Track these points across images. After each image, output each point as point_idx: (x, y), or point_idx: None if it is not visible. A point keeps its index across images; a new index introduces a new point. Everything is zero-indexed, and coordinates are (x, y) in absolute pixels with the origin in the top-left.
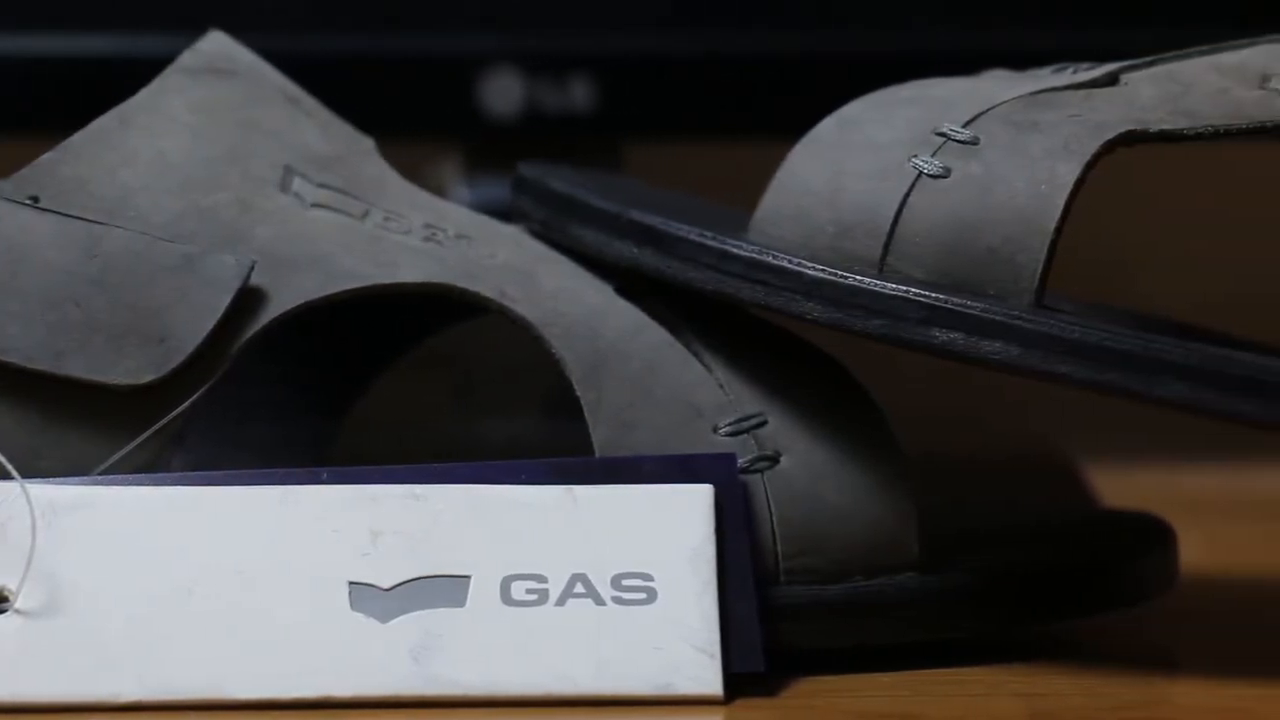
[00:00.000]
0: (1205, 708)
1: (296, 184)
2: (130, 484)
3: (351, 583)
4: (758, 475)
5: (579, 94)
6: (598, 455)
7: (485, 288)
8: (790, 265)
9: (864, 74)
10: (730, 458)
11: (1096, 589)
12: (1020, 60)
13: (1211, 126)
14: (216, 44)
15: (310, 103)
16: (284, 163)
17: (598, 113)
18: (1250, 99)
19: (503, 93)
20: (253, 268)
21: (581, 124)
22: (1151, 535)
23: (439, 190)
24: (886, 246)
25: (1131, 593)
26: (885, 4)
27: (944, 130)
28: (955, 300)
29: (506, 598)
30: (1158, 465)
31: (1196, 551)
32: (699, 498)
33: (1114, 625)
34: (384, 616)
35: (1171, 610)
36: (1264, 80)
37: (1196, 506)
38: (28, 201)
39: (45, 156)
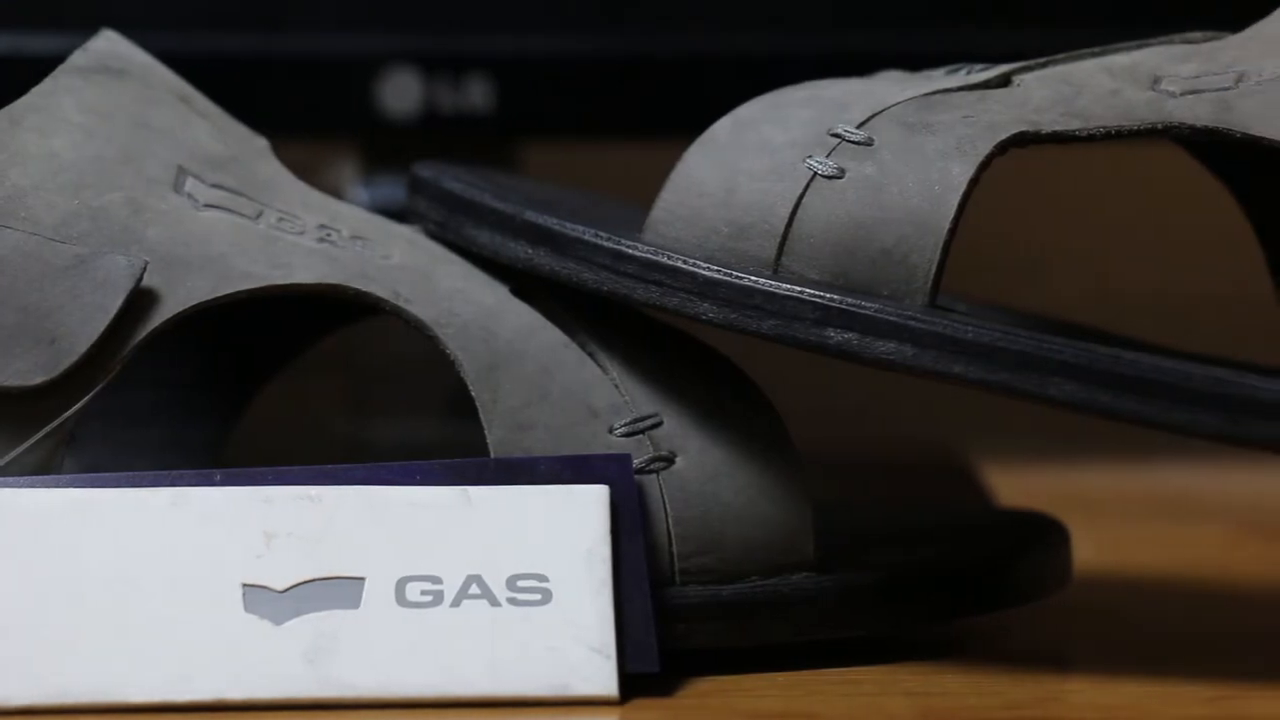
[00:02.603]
0: (1097, 705)
1: (189, 184)
2: (21, 486)
3: (245, 585)
4: (653, 476)
5: (476, 94)
6: (493, 456)
7: (379, 288)
8: (685, 266)
9: (760, 74)
10: (625, 458)
11: (990, 588)
12: (914, 61)
13: (1103, 128)
14: (108, 43)
15: (204, 103)
16: (177, 163)
17: (495, 113)
18: (1141, 101)
19: (400, 93)
20: (145, 269)
21: (479, 124)
22: (1045, 534)
23: (336, 190)
24: (781, 247)
25: (1025, 591)
26: (782, 5)
27: (838, 131)
28: (849, 301)
29: (401, 599)
30: (1052, 465)
31: (1090, 550)
32: (594, 498)
33: (1007, 624)
34: (278, 618)
35: (1065, 609)
36: (1155, 82)
37: (1090, 505)
38: None
39: None
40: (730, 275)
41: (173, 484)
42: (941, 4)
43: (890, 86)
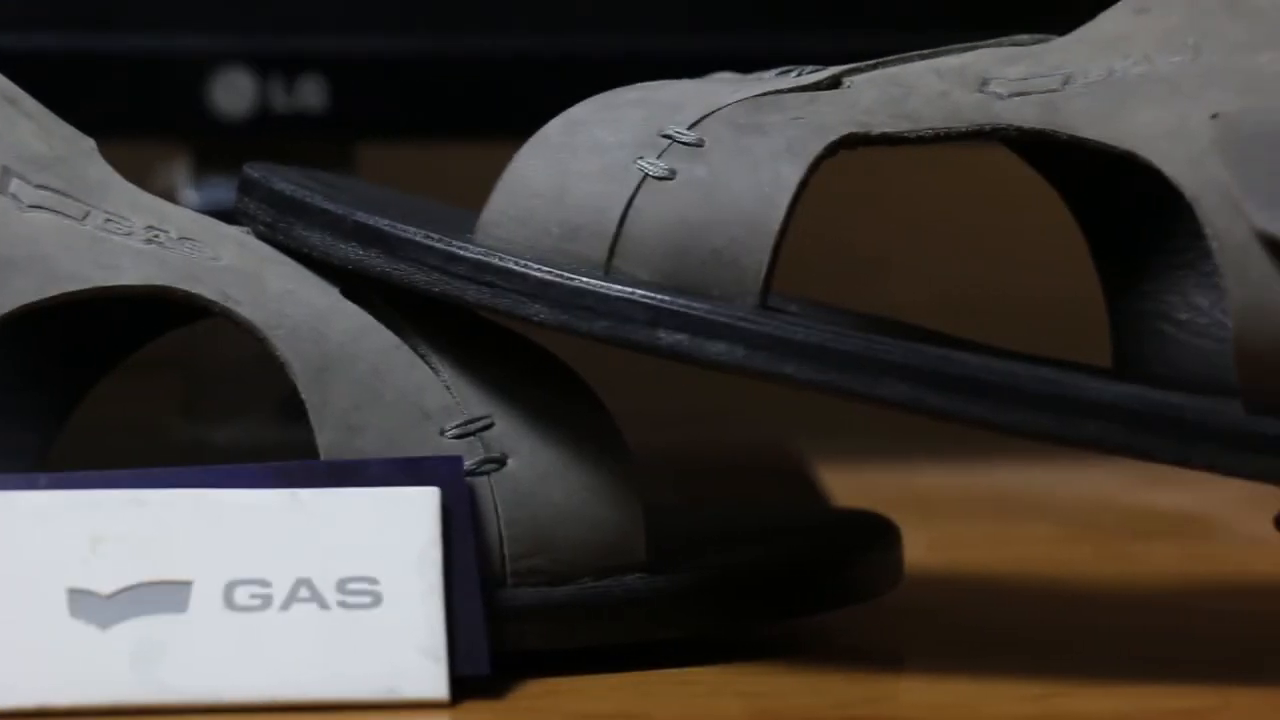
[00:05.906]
0: (927, 704)
1: (14, 185)
2: None
3: (70, 589)
4: (484, 477)
5: (310, 95)
6: (323, 458)
7: (208, 290)
8: (516, 267)
9: (593, 75)
10: (456, 460)
11: (823, 587)
12: (746, 64)
13: (932, 129)
14: None
15: (30, 103)
16: (1, 164)
17: (329, 114)
18: (969, 102)
19: (232, 93)
20: None
21: (313, 124)
22: (877, 533)
23: (167, 192)
24: (612, 248)
25: (857, 590)
26: (616, 7)
27: (670, 132)
28: (680, 302)
29: (230, 603)
30: (886, 464)
31: (922, 549)
32: (425, 500)
33: (840, 623)
34: (104, 623)
35: (896, 608)
36: (983, 84)
37: (922, 505)
38: None
39: None
40: (561, 276)
41: None
42: (773, 6)
43: (722, 88)
